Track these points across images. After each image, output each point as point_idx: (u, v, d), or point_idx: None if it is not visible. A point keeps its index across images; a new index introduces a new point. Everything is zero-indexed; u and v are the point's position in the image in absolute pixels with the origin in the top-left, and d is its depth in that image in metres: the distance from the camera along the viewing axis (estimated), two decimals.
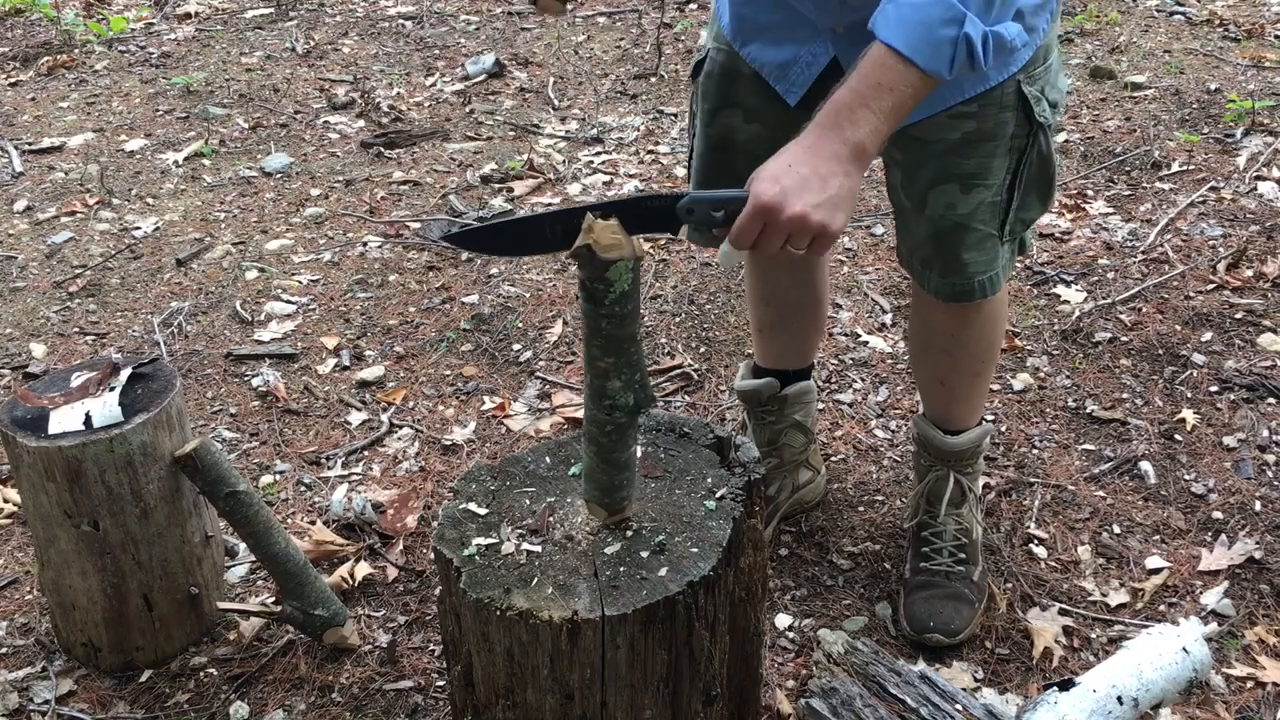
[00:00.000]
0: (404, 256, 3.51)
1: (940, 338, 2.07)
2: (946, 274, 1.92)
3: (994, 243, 1.89)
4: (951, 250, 1.89)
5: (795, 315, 2.30)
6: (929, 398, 2.20)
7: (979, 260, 1.90)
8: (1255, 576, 2.19)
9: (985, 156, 1.80)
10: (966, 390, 2.15)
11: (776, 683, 1.98)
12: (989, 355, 2.13)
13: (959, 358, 2.09)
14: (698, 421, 1.73)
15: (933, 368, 2.14)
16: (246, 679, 2.05)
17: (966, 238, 1.87)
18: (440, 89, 4.84)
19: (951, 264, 1.91)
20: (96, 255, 3.57)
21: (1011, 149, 1.82)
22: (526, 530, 1.55)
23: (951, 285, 1.93)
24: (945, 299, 1.96)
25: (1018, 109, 1.78)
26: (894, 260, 3.36)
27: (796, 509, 2.38)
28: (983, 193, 1.83)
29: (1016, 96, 1.77)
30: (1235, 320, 2.96)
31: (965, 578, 2.12)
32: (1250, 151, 3.83)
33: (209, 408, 2.82)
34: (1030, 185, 1.87)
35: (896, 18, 1.42)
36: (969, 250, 1.88)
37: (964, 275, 1.91)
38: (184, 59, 5.24)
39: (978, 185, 1.82)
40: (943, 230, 1.87)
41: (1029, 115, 1.79)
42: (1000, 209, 1.86)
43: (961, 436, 2.17)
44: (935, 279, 1.94)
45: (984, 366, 2.13)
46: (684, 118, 4.46)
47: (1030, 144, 1.82)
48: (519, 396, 2.84)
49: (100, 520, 1.94)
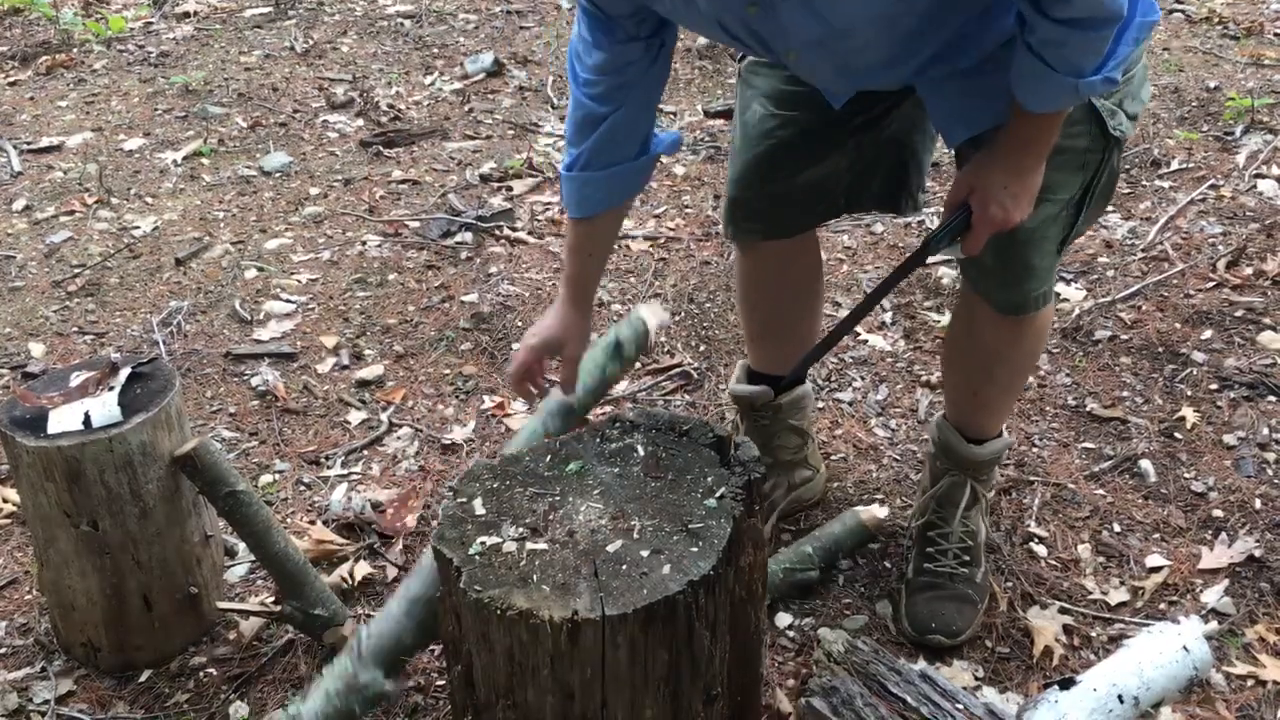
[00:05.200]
0: (403, 255, 3.51)
1: (984, 351, 2.05)
2: (1007, 286, 1.92)
3: (1053, 258, 1.90)
4: (1014, 262, 1.88)
5: (783, 325, 2.29)
6: (957, 405, 2.18)
7: (1038, 272, 1.90)
8: (1255, 575, 2.18)
9: (1055, 170, 1.76)
10: (998, 402, 2.14)
11: (777, 682, 1.98)
12: (1027, 370, 2.15)
13: (997, 371, 2.08)
14: (698, 421, 1.73)
15: (968, 377, 2.13)
16: (246, 679, 2.05)
17: (1030, 252, 1.86)
18: (439, 88, 4.84)
19: (1012, 276, 1.90)
20: (95, 254, 3.57)
21: (1085, 164, 1.80)
22: (527, 529, 1.55)
23: (1009, 297, 1.93)
24: (1002, 310, 1.95)
25: (1090, 123, 1.76)
26: (894, 260, 3.36)
27: (795, 507, 2.38)
28: (1050, 207, 1.81)
29: (1088, 111, 1.75)
30: (1235, 318, 2.96)
31: (969, 579, 2.11)
32: (1250, 149, 3.82)
33: (208, 407, 2.82)
34: (1097, 200, 1.86)
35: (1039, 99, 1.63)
36: (1030, 263, 1.88)
37: (1022, 289, 1.91)
38: (183, 58, 5.24)
39: (1045, 199, 1.78)
40: (1006, 242, 1.82)
41: (1104, 130, 1.78)
42: (1065, 224, 1.86)
43: (984, 446, 2.16)
44: (995, 290, 1.94)
45: (1019, 380, 2.14)
46: (683, 116, 4.46)
47: (1104, 160, 1.81)
48: (518, 396, 2.83)
49: (99, 520, 1.93)
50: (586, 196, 1.90)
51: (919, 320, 3.06)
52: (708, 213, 3.67)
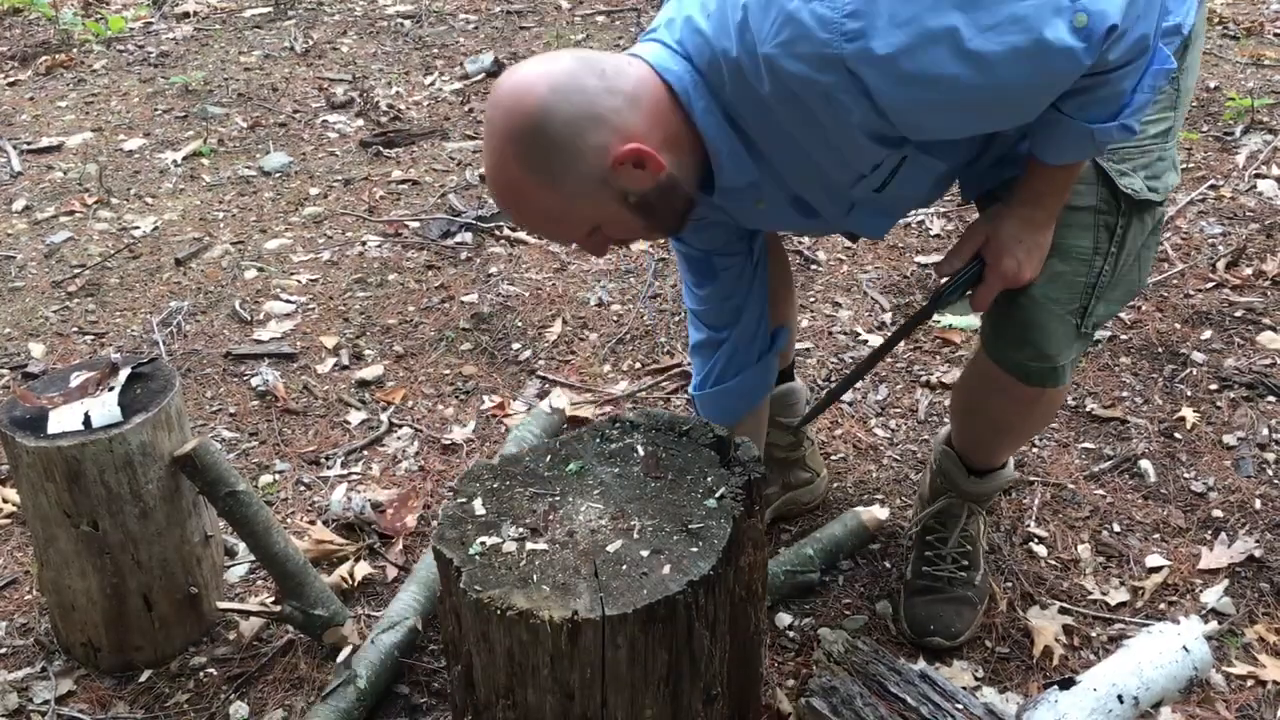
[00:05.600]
0: (403, 256, 3.51)
1: (992, 413, 1.98)
2: (1018, 347, 1.80)
3: (1069, 328, 1.78)
4: (1025, 322, 1.77)
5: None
6: (961, 439, 2.11)
7: (1052, 338, 1.77)
8: (1255, 575, 2.19)
9: (1064, 227, 1.71)
10: (1005, 447, 2.11)
11: (777, 682, 1.98)
12: (1034, 433, 2.15)
13: (1004, 436, 2.05)
14: (698, 421, 1.73)
15: (974, 429, 2.07)
16: (246, 679, 2.05)
17: (1040, 314, 1.76)
18: (439, 88, 4.84)
19: (1024, 337, 1.79)
20: (95, 255, 3.57)
21: (1097, 225, 1.73)
22: (527, 530, 1.55)
23: (1019, 359, 1.81)
24: (1006, 369, 1.83)
25: (1097, 183, 1.72)
26: (893, 260, 3.36)
27: (793, 509, 2.37)
28: (1057, 264, 1.73)
29: (1093, 170, 1.71)
30: (1235, 318, 2.96)
31: (967, 582, 2.11)
32: (1250, 149, 3.83)
33: (208, 407, 2.82)
34: (1120, 269, 1.78)
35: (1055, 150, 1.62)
36: (1041, 324, 1.76)
37: (1034, 352, 1.79)
38: (182, 58, 5.24)
39: (1053, 257, 1.72)
40: (1018, 302, 1.76)
41: (1113, 190, 1.72)
42: (1082, 290, 1.76)
43: (985, 479, 2.12)
44: (1007, 350, 1.82)
45: (1025, 440, 2.12)
46: None
47: (1121, 224, 1.74)
48: (518, 395, 2.84)
49: (100, 520, 1.94)
50: (725, 408, 2.03)
51: None
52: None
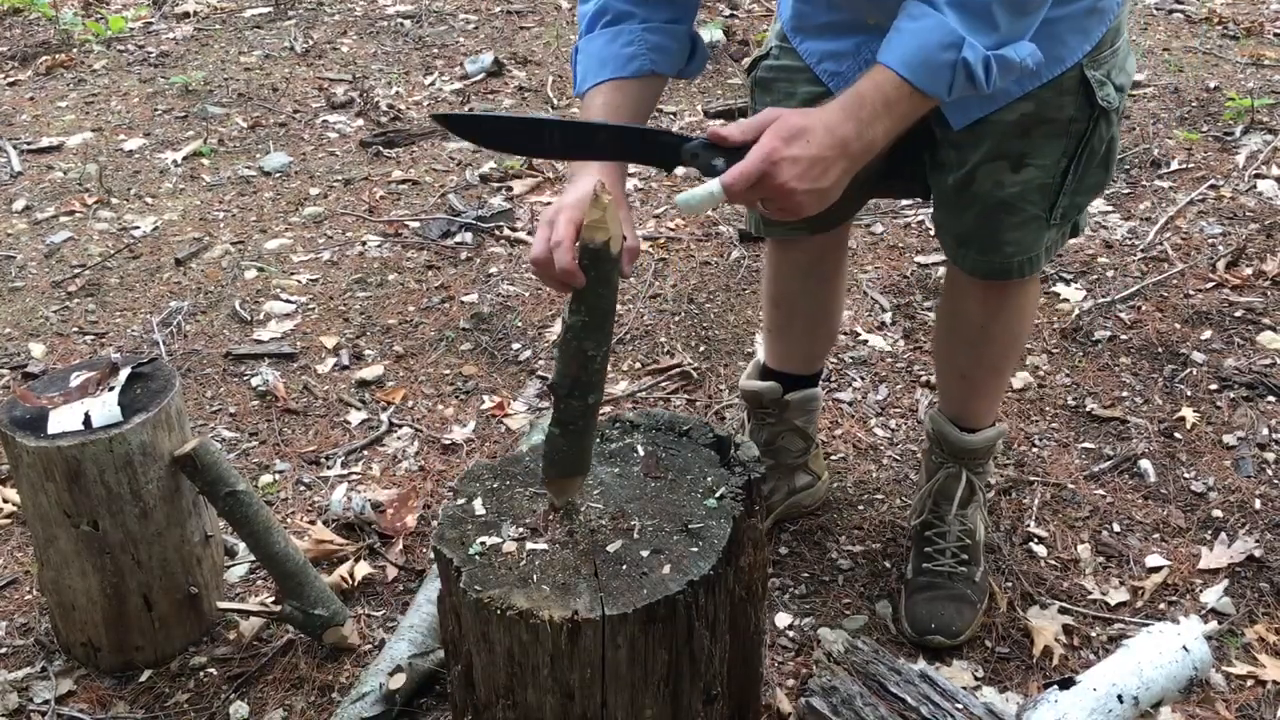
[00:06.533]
0: (403, 256, 3.51)
1: (968, 327, 2.07)
2: (985, 251, 1.91)
3: (1039, 224, 1.87)
4: (993, 228, 1.88)
5: (805, 321, 2.28)
6: (948, 392, 2.20)
7: (1020, 240, 1.88)
8: (1255, 574, 2.19)
9: (1041, 138, 1.78)
10: (987, 386, 2.15)
11: (777, 682, 1.98)
12: (1013, 350, 2.14)
13: (983, 351, 2.09)
14: (698, 421, 1.73)
15: (956, 360, 2.14)
16: (246, 679, 2.05)
17: (1011, 217, 1.86)
18: (439, 88, 4.84)
19: (991, 242, 1.89)
20: (95, 255, 3.56)
21: (1070, 133, 1.80)
22: (527, 529, 1.55)
23: (989, 263, 1.92)
24: (981, 276, 1.95)
25: (1079, 93, 1.76)
26: (894, 259, 3.36)
27: (794, 512, 2.37)
28: (1033, 173, 1.82)
29: (1079, 81, 1.75)
30: (1235, 318, 2.96)
31: (967, 579, 2.12)
32: (1250, 149, 3.83)
33: (208, 407, 2.82)
34: (1087, 170, 1.85)
35: (897, 42, 1.46)
36: (1011, 230, 1.87)
37: (1002, 254, 1.90)
38: (182, 58, 5.23)
39: (1029, 165, 1.80)
40: (988, 207, 1.85)
41: (1090, 100, 1.77)
42: (1051, 191, 1.84)
43: (977, 434, 2.17)
44: (973, 256, 1.93)
45: (1006, 363, 2.14)
46: (683, 116, 4.46)
47: (1091, 129, 1.79)
48: (518, 395, 2.84)
49: (100, 520, 1.94)
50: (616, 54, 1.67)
51: (919, 320, 3.06)
52: (707, 213, 3.67)
